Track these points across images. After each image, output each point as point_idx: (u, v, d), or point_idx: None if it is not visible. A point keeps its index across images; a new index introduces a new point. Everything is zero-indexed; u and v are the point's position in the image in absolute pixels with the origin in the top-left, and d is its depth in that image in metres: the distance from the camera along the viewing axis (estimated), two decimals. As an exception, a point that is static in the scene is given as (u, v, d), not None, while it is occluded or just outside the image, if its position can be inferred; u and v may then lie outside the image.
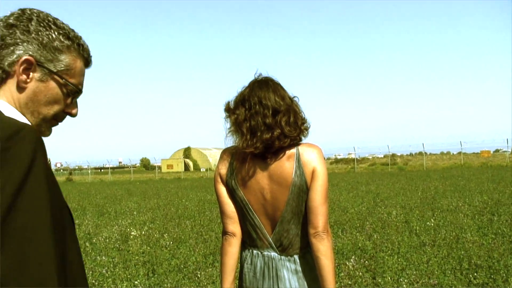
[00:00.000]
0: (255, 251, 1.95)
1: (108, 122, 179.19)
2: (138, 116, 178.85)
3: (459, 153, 43.76)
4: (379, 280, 4.85)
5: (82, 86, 1.17)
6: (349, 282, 4.90)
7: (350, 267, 5.42)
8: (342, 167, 47.08)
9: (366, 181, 22.10)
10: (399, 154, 56.01)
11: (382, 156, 55.72)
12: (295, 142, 1.88)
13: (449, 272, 5.09)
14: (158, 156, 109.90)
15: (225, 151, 2.00)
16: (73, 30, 1.13)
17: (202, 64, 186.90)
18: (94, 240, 7.93)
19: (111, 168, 67.59)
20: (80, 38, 1.14)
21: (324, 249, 1.81)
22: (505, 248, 5.99)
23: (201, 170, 59.25)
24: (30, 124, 0.99)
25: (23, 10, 1.08)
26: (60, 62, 1.09)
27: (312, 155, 1.87)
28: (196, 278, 5.31)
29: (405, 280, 4.78)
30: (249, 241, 1.97)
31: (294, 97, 1.93)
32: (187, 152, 74.85)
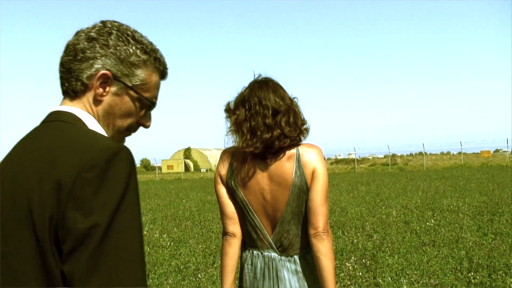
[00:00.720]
0: (255, 252, 1.95)
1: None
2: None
3: (459, 153, 43.76)
4: (380, 280, 4.86)
5: (156, 100, 1.18)
6: (349, 283, 4.90)
7: (350, 267, 5.42)
8: (343, 168, 47.08)
9: (366, 181, 22.10)
10: (399, 154, 56.03)
11: (383, 156, 55.70)
12: (295, 142, 1.88)
13: (450, 272, 5.09)
14: (158, 156, 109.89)
15: (225, 152, 2.00)
16: (151, 43, 1.14)
17: (202, 64, 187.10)
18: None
19: (111, 168, 67.45)
20: (157, 51, 1.15)
21: (324, 249, 1.81)
22: (505, 248, 6.00)
23: (202, 170, 59.29)
24: (125, 146, 1.01)
25: (104, 23, 1.11)
26: (136, 77, 1.11)
27: (312, 155, 1.87)
28: (197, 279, 5.31)
29: (406, 280, 4.79)
30: (249, 242, 1.97)
31: (294, 97, 1.93)
32: (187, 153, 74.88)
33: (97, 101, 1.09)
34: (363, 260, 5.74)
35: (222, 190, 1.96)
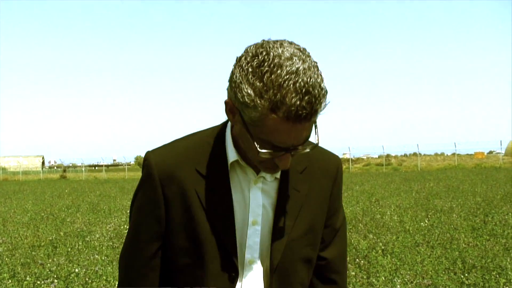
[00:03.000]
0: None
1: (102, 120, 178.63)
2: (133, 114, 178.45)
3: (453, 154, 43.93)
4: (373, 280, 4.85)
5: (282, 144, 1.01)
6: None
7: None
8: (337, 167, 46.99)
9: (360, 181, 22.14)
10: (393, 155, 56.15)
11: (377, 156, 55.82)
12: None
13: (443, 272, 5.09)
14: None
15: None
16: (275, 86, 0.94)
17: (197, 62, 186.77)
18: (87, 238, 7.88)
19: (105, 165, 67.41)
20: (276, 94, 0.94)
21: None
22: (499, 249, 6.01)
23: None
24: None
25: (256, 49, 1.00)
26: (247, 116, 1.01)
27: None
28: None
29: (399, 280, 4.78)
30: None
31: None
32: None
33: (233, 126, 1.16)
34: (357, 260, 5.73)
35: None
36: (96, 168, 78.00)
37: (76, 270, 5.61)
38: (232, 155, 1.18)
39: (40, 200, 16.64)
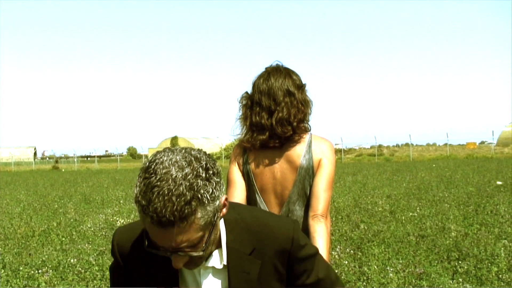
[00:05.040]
0: None
1: (94, 111, 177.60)
2: (125, 105, 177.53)
3: (445, 144, 44.16)
4: (366, 269, 4.88)
5: (162, 244, 1.07)
6: (336, 271, 4.91)
7: (337, 256, 5.44)
8: (330, 158, 47.12)
9: (352, 171, 22.22)
10: (385, 145, 56.33)
11: (369, 147, 55.97)
12: (294, 136, 2.01)
13: (435, 261, 5.13)
14: (145, 145, 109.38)
15: (240, 143, 2.15)
16: (147, 191, 1.01)
17: (189, 53, 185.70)
18: (79, 228, 7.87)
19: (98, 156, 67.15)
20: (145, 199, 1.01)
21: (320, 230, 1.89)
22: (491, 238, 6.07)
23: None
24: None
25: (153, 155, 1.09)
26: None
27: (323, 145, 2.03)
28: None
29: (392, 269, 4.82)
30: None
31: (300, 86, 2.07)
32: (174, 141, 74.54)
33: None
34: (349, 249, 5.77)
35: (236, 177, 2.09)
36: (88, 159, 77.76)
37: (70, 259, 5.60)
38: None
39: (32, 191, 16.57)
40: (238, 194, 2.06)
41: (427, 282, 4.40)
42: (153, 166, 1.03)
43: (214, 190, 1.06)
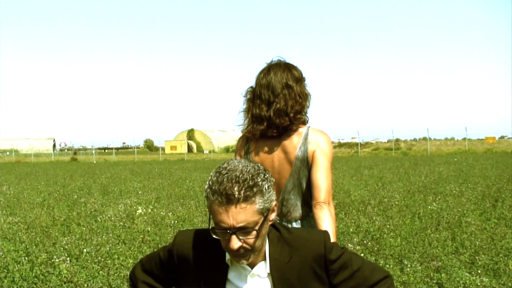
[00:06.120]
0: None
1: (113, 103, 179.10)
2: (143, 97, 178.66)
3: (464, 139, 43.62)
4: (382, 262, 4.91)
5: (224, 224, 1.33)
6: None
7: (353, 248, 5.47)
8: (345, 151, 47.07)
9: (369, 165, 22.13)
10: (403, 139, 55.83)
11: (386, 141, 55.53)
12: (293, 126, 2.12)
13: (452, 255, 5.13)
14: (161, 137, 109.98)
15: (243, 135, 2.27)
16: (218, 180, 1.33)
17: (207, 46, 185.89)
18: (99, 218, 8.02)
19: (115, 148, 67.84)
20: (216, 184, 1.33)
21: (324, 216, 1.97)
22: (508, 232, 6.03)
23: (205, 152, 59.38)
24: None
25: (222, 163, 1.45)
26: (208, 207, 1.39)
27: (319, 138, 2.12)
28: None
29: (408, 262, 4.84)
30: None
31: (299, 81, 2.17)
32: (190, 134, 74.92)
33: None
34: (365, 241, 5.79)
35: None
36: (106, 151, 78.53)
37: (89, 249, 5.72)
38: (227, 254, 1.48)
39: (52, 182, 16.86)
40: None
41: (445, 275, 4.41)
42: (224, 165, 1.37)
43: (269, 188, 1.37)
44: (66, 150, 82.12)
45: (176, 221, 7.57)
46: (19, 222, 7.90)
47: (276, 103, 2.07)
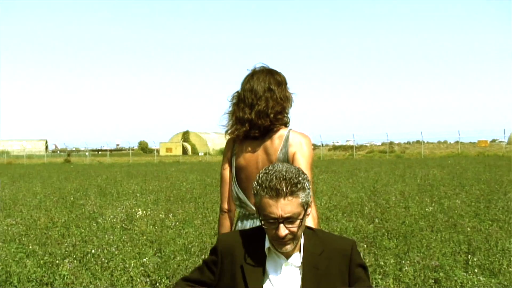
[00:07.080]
0: (246, 213, 2.36)
1: (106, 104, 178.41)
2: (137, 99, 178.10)
3: (457, 142, 43.99)
4: (381, 262, 5.02)
5: (274, 215, 1.62)
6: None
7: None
8: (340, 154, 47.31)
9: (364, 168, 22.28)
10: (396, 142, 56.17)
11: (380, 143, 55.83)
12: (273, 127, 2.26)
13: (450, 255, 5.26)
14: (156, 139, 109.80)
15: (230, 139, 2.43)
16: (268, 179, 1.64)
17: (201, 47, 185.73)
18: (99, 220, 8.07)
19: (109, 150, 67.68)
20: (266, 181, 1.64)
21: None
22: (502, 233, 6.17)
23: (200, 154, 59.37)
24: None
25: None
26: (257, 203, 1.70)
27: (299, 140, 2.25)
28: (203, 257, 5.44)
29: (407, 262, 4.95)
30: (239, 203, 2.38)
31: (280, 85, 2.31)
32: (186, 136, 74.88)
33: None
34: (363, 243, 5.90)
35: (227, 173, 2.39)
36: (99, 152, 78.20)
37: (92, 250, 5.78)
38: (267, 243, 1.74)
39: (47, 183, 16.85)
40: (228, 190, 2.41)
41: (443, 274, 4.53)
42: (270, 167, 1.69)
43: (309, 186, 1.67)
44: (58, 152, 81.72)
45: (177, 223, 7.65)
46: (18, 224, 7.93)
47: (258, 105, 2.23)
